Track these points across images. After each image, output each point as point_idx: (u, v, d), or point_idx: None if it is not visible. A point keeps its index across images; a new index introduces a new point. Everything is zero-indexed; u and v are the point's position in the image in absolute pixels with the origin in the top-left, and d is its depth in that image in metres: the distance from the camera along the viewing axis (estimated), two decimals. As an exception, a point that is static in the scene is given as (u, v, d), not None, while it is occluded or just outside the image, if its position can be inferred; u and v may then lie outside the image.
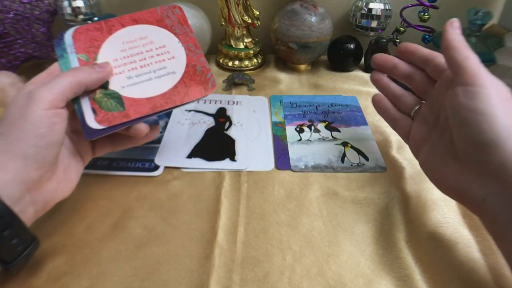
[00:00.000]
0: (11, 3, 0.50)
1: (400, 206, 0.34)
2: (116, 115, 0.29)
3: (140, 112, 0.30)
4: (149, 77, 0.31)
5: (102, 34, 0.32)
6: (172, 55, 0.33)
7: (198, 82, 0.32)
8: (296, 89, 0.53)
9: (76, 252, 0.29)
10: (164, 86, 0.31)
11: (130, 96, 0.30)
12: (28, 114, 0.25)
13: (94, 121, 0.28)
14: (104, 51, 0.31)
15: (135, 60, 0.32)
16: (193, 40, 0.34)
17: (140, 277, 0.28)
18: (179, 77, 0.32)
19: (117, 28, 0.33)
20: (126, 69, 0.31)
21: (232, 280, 0.27)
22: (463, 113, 0.25)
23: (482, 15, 0.53)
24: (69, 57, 0.31)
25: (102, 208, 0.33)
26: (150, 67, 0.32)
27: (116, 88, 0.30)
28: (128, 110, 0.30)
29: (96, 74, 0.29)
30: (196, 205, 0.34)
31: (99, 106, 0.29)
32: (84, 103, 0.29)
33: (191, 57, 0.33)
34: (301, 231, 0.31)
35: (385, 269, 0.28)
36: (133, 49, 0.32)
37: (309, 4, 0.52)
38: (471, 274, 0.28)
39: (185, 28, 0.34)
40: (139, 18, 0.34)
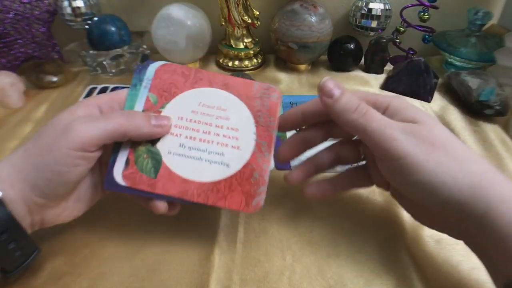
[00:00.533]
0: (11, 3, 0.50)
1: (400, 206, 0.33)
2: (144, 179, 0.26)
3: (167, 190, 0.26)
4: (201, 156, 0.27)
5: (185, 84, 0.29)
6: (238, 144, 0.27)
7: (245, 191, 0.26)
8: (296, 89, 0.53)
9: (76, 252, 0.29)
10: (209, 174, 0.27)
11: (169, 166, 0.26)
12: (54, 147, 0.23)
13: (120, 173, 0.26)
14: (176, 102, 0.28)
15: (199, 129, 0.27)
16: (270, 139, 0.28)
17: (140, 277, 0.28)
18: (230, 174, 0.27)
19: (203, 84, 0.29)
20: (184, 135, 0.27)
21: (232, 280, 0.27)
22: (396, 184, 0.25)
23: (482, 15, 0.53)
24: (141, 90, 0.28)
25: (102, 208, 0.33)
26: (208, 145, 0.27)
27: (162, 150, 0.27)
28: (157, 181, 0.26)
29: (148, 130, 0.26)
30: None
31: (135, 161, 0.26)
32: (122, 151, 0.26)
33: (255, 158, 0.27)
34: (301, 231, 0.31)
35: (385, 269, 0.28)
36: (204, 115, 0.28)
37: (309, 4, 0.52)
38: (471, 274, 0.28)
39: (271, 121, 0.28)
40: (231, 85, 0.29)
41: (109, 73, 0.55)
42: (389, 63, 0.58)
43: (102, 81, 0.54)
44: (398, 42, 0.59)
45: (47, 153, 0.23)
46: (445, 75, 0.53)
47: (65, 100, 0.51)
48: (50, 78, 0.52)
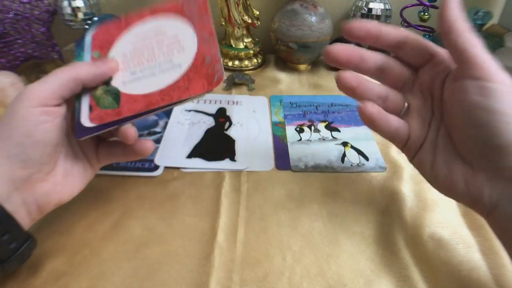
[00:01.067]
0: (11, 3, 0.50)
1: (400, 206, 0.34)
2: (109, 112, 0.27)
3: (133, 109, 0.27)
4: (153, 72, 0.29)
5: (119, 30, 0.31)
6: (182, 46, 0.30)
7: (203, 75, 0.28)
8: (296, 89, 0.53)
9: (76, 252, 0.29)
10: (165, 80, 0.29)
11: (128, 92, 0.28)
12: (15, 111, 0.24)
13: (87, 118, 0.27)
14: (117, 47, 0.30)
15: (143, 54, 0.30)
16: (209, 28, 0.30)
17: (140, 277, 0.27)
18: (184, 70, 0.29)
19: (134, 22, 0.31)
20: (132, 64, 0.29)
21: (232, 280, 0.27)
22: (476, 112, 0.22)
23: (482, 15, 0.53)
24: (84, 55, 0.30)
25: (102, 208, 0.33)
26: (156, 61, 0.29)
27: (117, 84, 0.28)
28: (121, 107, 0.28)
29: (95, 70, 0.27)
30: (196, 205, 0.34)
31: (96, 103, 0.28)
32: (84, 100, 0.28)
33: (202, 47, 0.29)
34: (301, 231, 0.31)
35: (385, 269, 0.28)
36: (144, 41, 0.30)
37: (309, 4, 0.52)
38: (471, 274, 0.28)
39: (204, 17, 0.30)
40: (158, 8, 0.31)
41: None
42: (389, 63, 0.58)
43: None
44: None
45: (11, 120, 0.24)
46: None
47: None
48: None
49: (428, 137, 0.27)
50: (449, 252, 0.29)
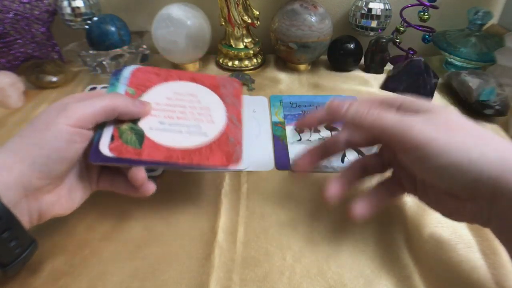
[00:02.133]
0: (10, 3, 0.50)
1: (400, 206, 0.34)
2: (130, 150, 0.28)
3: (153, 156, 0.28)
4: (181, 130, 0.30)
5: (158, 79, 0.33)
6: (212, 119, 0.32)
7: (224, 151, 0.30)
8: (296, 89, 0.53)
9: (76, 252, 0.29)
10: (189, 142, 0.30)
11: (153, 139, 0.29)
12: (52, 124, 0.24)
13: (106, 146, 0.27)
14: (152, 93, 0.32)
15: (175, 110, 0.31)
16: (239, 113, 0.34)
17: (140, 277, 0.28)
18: (209, 140, 0.30)
19: (173, 79, 0.33)
20: (162, 115, 0.30)
21: (232, 280, 0.27)
22: (422, 173, 0.25)
23: (482, 15, 0.53)
24: (118, 87, 0.31)
25: (102, 208, 0.33)
26: (186, 121, 0.31)
27: (143, 127, 0.29)
28: (143, 150, 0.28)
29: (133, 107, 0.28)
30: (196, 205, 0.34)
31: (119, 136, 0.28)
32: (107, 129, 0.28)
33: (229, 128, 0.32)
34: (301, 231, 0.31)
35: (385, 269, 0.28)
36: (178, 100, 0.32)
37: (309, 4, 0.52)
38: (471, 274, 0.28)
39: (235, 102, 0.34)
40: (198, 79, 0.34)
41: (108, 73, 0.55)
42: (389, 63, 0.58)
43: (101, 81, 0.54)
44: (398, 42, 0.59)
45: (45, 131, 0.24)
46: (445, 75, 0.53)
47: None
48: (50, 78, 0.52)
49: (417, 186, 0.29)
50: (449, 252, 0.29)
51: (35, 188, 0.25)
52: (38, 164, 0.24)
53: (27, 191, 0.24)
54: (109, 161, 0.27)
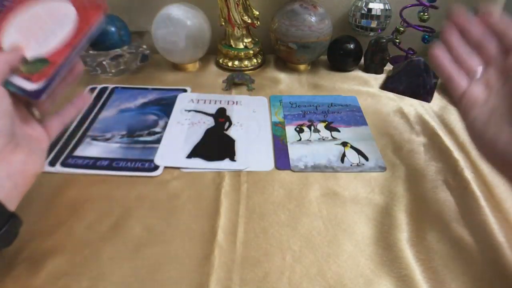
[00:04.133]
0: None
1: (400, 206, 0.34)
2: (46, 69, 0.31)
3: (62, 54, 0.31)
4: (53, 32, 0.33)
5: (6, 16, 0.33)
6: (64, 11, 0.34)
7: (88, 9, 0.34)
8: (296, 89, 0.53)
9: (76, 252, 0.29)
10: (68, 29, 0.33)
11: (48, 51, 0.32)
12: None
13: (33, 84, 0.30)
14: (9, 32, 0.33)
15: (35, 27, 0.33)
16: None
17: (140, 277, 0.28)
18: (75, 14, 0.34)
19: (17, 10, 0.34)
20: (31, 35, 0.32)
21: (232, 280, 0.27)
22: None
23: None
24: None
25: (102, 208, 0.33)
26: (50, 27, 0.33)
27: (32, 55, 0.31)
28: (52, 61, 0.31)
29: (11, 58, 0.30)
30: (196, 205, 0.34)
31: (30, 73, 0.30)
32: (15, 80, 0.30)
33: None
34: (301, 231, 0.31)
35: (385, 269, 0.28)
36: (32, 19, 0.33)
37: (308, 4, 0.52)
38: (471, 274, 0.28)
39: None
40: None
41: (108, 73, 0.55)
42: (389, 63, 0.58)
43: (101, 81, 0.54)
44: (398, 42, 0.59)
45: None
46: (445, 75, 0.53)
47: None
48: None
49: (488, 101, 0.29)
50: (449, 252, 0.29)
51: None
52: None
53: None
54: (48, 88, 0.30)
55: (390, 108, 0.48)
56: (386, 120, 0.46)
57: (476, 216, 0.32)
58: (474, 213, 0.32)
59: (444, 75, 0.33)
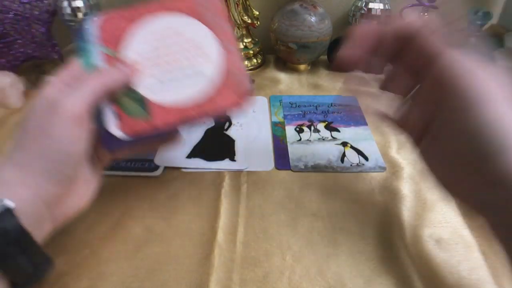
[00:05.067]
0: (11, 3, 0.50)
1: (400, 206, 0.34)
2: (140, 122, 0.26)
3: (166, 120, 0.26)
4: (178, 78, 0.28)
5: (128, 23, 0.28)
6: (204, 53, 0.28)
7: (232, 88, 0.28)
8: (296, 89, 0.53)
9: (76, 252, 0.29)
10: (194, 89, 0.27)
11: (156, 100, 0.27)
12: (48, 128, 0.23)
13: (116, 127, 0.25)
14: (131, 45, 0.28)
15: (162, 56, 0.28)
16: (230, 36, 0.29)
17: (140, 277, 0.28)
18: (211, 80, 0.28)
19: (143, 16, 0.29)
20: (152, 67, 0.28)
21: (232, 280, 0.27)
22: (459, 123, 0.22)
23: (482, 15, 0.53)
24: (92, 51, 0.27)
25: (102, 208, 0.33)
26: (177, 64, 0.28)
27: (140, 89, 0.27)
28: (154, 118, 0.26)
29: (122, 77, 0.26)
30: (196, 205, 0.34)
31: (122, 110, 0.26)
32: (105, 107, 0.26)
33: (226, 58, 0.28)
34: (301, 231, 0.31)
35: (385, 269, 0.28)
36: (161, 41, 0.28)
37: (308, 4, 0.52)
38: (471, 274, 0.28)
39: (222, 22, 0.29)
40: (172, 6, 0.29)
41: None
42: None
43: (102, 81, 0.54)
44: (398, 42, 0.58)
45: (44, 136, 0.23)
46: (445, 75, 0.53)
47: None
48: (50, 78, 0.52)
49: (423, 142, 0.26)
50: (448, 252, 0.29)
51: (54, 196, 0.24)
52: (50, 172, 0.23)
53: (48, 203, 0.23)
54: (124, 144, 0.25)
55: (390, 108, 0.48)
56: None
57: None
58: (474, 213, 0.32)
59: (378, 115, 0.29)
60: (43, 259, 0.24)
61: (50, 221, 0.24)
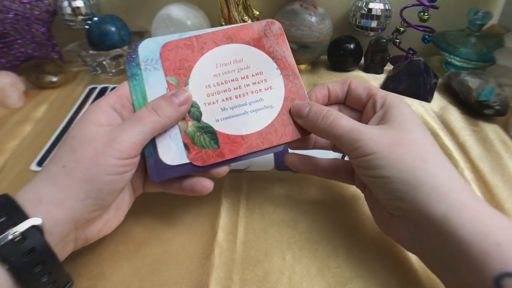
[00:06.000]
0: (11, 3, 0.50)
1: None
2: (210, 153, 0.27)
3: (234, 152, 0.27)
4: (245, 110, 0.28)
5: (193, 53, 0.29)
6: (269, 85, 0.29)
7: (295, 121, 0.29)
8: (296, 89, 0.53)
9: (76, 252, 0.29)
10: (260, 122, 0.28)
11: (224, 132, 0.27)
12: (101, 159, 0.23)
13: (185, 157, 0.26)
14: (196, 75, 0.28)
15: (229, 88, 0.28)
16: (293, 67, 0.30)
17: (140, 277, 0.28)
18: (277, 113, 0.28)
19: (209, 47, 0.29)
20: (220, 99, 0.28)
21: (232, 280, 0.27)
22: (365, 180, 0.26)
23: (482, 15, 0.53)
24: (143, 77, 0.28)
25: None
26: (245, 98, 0.28)
27: (209, 121, 0.27)
28: (222, 148, 0.27)
29: (177, 113, 0.26)
30: (196, 205, 0.34)
31: (191, 142, 0.27)
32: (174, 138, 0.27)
33: (289, 89, 0.29)
34: (301, 231, 0.31)
35: (385, 269, 0.28)
36: (227, 74, 0.29)
37: (308, 4, 0.52)
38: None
39: (284, 51, 0.30)
40: (234, 36, 0.30)
41: (109, 73, 0.55)
42: (389, 63, 0.58)
43: (102, 81, 0.54)
44: (398, 42, 0.58)
45: (95, 165, 0.23)
46: (445, 75, 0.53)
47: (65, 100, 0.51)
48: (50, 78, 0.52)
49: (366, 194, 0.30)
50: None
51: (86, 220, 0.24)
52: (90, 199, 0.23)
53: (77, 224, 0.24)
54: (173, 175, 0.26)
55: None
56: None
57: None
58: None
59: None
60: (64, 280, 0.24)
61: (73, 242, 0.25)
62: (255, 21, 0.31)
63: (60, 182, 0.23)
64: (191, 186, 0.28)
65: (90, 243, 0.27)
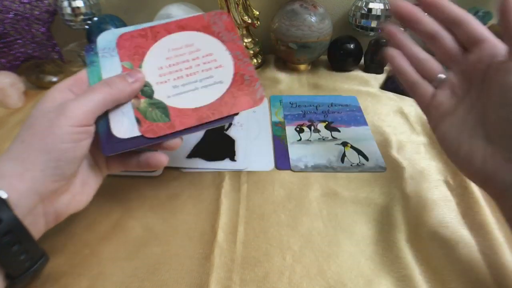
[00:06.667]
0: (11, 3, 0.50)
1: (400, 206, 0.34)
2: (161, 126, 0.28)
3: (186, 123, 0.29)
4: (195, 86, 0.30)
5: (147, 41, 0.31)
6: (219, 64, 0.31)
7: (246, 93, 0.31)
8: (296, 89, 0.53)
9: (76, 252, 0.29)
10: (211, 96, 0.30)
11: (175, 106, 0.29)
12: (55, 128, 0.24)
13: (137, 131, 0.28)
14: (150, 59, 0.31)
15: (181, 68, 0.31)
16: (241, 48, 0.32)
17: (140, 277, 0.28)
18: (227, 87, 0.31)
19: (162, 35, 0.32)
20: (171, 78, 0.30)
21: (232, 280, 0.27)
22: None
23: (482, 15, 0.53)
24: (100, 64, 0.30)
25: (102, 208, 0.33)
26: (196, 76, 0.31)
27: (161, 98, 0.29)
28: (173, 121, 0.29)
29: (130, 88, 0.28)
30: (196, 205, 0.34)
31: (143, 116, 0.28)
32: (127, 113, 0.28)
33: (238, 66, 0.32)
34: (301, 231, 0.31)
35: (385, 269, 0.28)
36: (179, 57, 0.31)
37: (308, 4, 0.52)
38: (471, 274, 0.28)
39: (233, 35, 0.33)
40: (185, 25, 0.33)
41: (109, 73, 0.55)
42: (389, 63, 0.58)
43: (102, 81, 0.54)
44: (398, 42, 0.58)
45: (50, 135, 0.24)
46: (445, 75, 0.53)
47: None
48: (50, 78, 0.52)
49: (457, 112, 0.27)
50: (449, 252, 0.29)
51: (50, 191, 0.24)
52: (50, 168, 0.24)
53: (43, 196, 0.24)
54: (124, 147, 0.27)
55: (390, 108, 0.48)
56: (386, 120, 0.46)
57: (476, 216, 0.32)
58: (474, 213, 0.32)
59: (408, 82, 0.30)
60: (38, 253, 0.25)
61: (43, 216, 0.25)
62: (206, 13, 0.34)
63: (19, 156, 0.24)
64: (146, 160, 0.29)
65: (62, 219, 0.27)
